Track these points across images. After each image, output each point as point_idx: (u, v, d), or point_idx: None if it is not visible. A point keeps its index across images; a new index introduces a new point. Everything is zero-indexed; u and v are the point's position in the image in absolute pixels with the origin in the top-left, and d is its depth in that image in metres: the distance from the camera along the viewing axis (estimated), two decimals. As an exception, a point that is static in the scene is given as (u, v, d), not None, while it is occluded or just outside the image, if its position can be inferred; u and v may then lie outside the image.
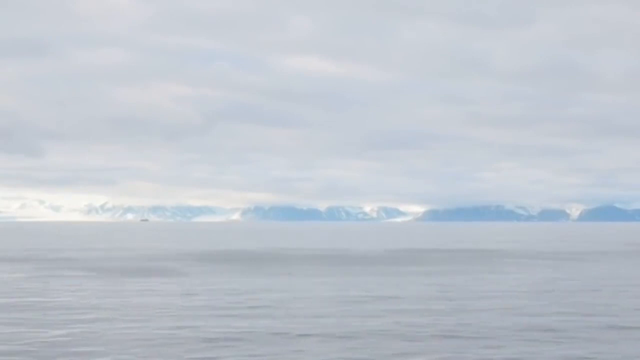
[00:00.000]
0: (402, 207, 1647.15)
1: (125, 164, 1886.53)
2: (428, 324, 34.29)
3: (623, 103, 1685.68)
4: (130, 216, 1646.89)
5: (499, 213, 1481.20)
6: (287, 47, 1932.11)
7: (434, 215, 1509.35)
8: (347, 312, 38.02)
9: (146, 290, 49.03)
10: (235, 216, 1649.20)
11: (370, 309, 39.60)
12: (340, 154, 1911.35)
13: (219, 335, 30.76)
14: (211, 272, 65.21)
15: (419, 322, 34.64)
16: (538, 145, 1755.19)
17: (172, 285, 52.28)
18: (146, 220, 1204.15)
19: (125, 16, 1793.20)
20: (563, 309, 39.94)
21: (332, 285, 52.94)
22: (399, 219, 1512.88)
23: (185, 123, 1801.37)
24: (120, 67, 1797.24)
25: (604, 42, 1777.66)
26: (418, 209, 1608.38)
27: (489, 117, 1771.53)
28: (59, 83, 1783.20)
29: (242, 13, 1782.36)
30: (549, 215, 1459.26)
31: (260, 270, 67.70)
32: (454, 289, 50.27)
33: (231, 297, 44.76)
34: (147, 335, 30.81)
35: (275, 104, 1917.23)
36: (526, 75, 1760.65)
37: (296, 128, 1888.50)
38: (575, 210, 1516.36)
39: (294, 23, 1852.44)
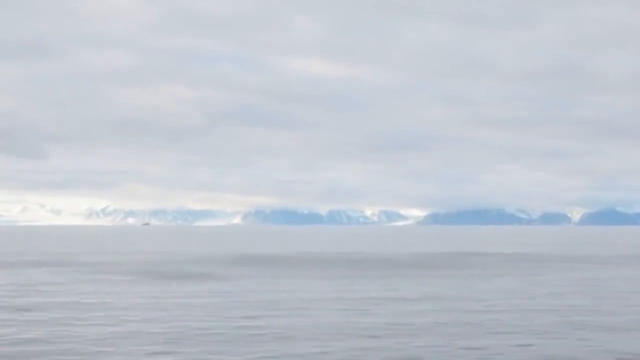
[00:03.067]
0: (403, 211, 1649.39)
1: (126, 167, 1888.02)
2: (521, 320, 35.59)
3: (626, 104, 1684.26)
4: (131, 220, 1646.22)
5: (500, 217, 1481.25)
6: (289, 48, 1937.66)
7: (435, 219, 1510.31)
8: (422, 311, 38.97)
9: (203, 292, 49.99)
10: (237, 220, 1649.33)
11: (460, 306, 41.08)
12: (341, 155, 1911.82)
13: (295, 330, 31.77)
14: (254, 275, 65.65)
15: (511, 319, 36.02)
16: (540, 147, 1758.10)
17: (226, 288, 53.09)
18: (147, 224, 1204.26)
19: (127, 17, 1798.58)
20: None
21: (394, 286, 54.06)
22: (400, 223, 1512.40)
23: (188, 125, 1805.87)
24: (122, 69, 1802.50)
25: (607, 43, 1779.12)
26: (419, 213, 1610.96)
27: (491, 118, 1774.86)
28: (61, 84, 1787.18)
29: (244, 14, 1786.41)
30: (550, 218, 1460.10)
31: (303, 273, 68.28)
32: (522, 291, 51.33)
33: (297, 296, 45.61)
34: (230, 329, 32.00)
35: (277, 105, 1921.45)
36: (528, 76, 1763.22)
37: (298, 129, 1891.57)
38: (576, 214, 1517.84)
39: (295, 24, 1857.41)
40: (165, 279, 60.67)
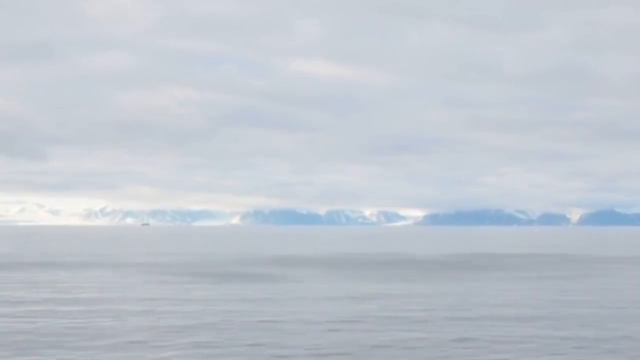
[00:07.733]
0: (403, 212, 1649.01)
1: (127, 168, 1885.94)
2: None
3: (627, 107, 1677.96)
4: (129, 220, 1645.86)
5: (499, 217, 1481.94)
6: (293, 50, 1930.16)
7: (433, 220, 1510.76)
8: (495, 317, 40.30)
9: (288, 290, 51.65)
10: (235, 220, 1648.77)
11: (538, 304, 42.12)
12: (342, 158, 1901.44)
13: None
14: (313, 275, 66.65)
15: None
16: (542, 150, 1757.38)
17: (298, 286, 54.40)
18: (147, 224, 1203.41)
19: (129, 20, 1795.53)
20: None
21: (470, 283, 55.39)
22: (399, 223, 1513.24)
23: (190, 127, 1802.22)
24: (125, 71, 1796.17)
25: (610, 45, 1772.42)
26: (418, 213, 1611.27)
27: (495, 121, 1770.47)
28: (63, 87, 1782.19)
29: (248, 17, 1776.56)
30: (548, 219, 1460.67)
31: (356, 273, 69.27)
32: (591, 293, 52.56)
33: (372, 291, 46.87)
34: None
35: (280, 107, 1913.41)
36: (533, 79, 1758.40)
37: (301, 132, 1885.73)
38: (575, 215, 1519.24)
39: (299, 27, 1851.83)
40: (230, 279, 61.84)
